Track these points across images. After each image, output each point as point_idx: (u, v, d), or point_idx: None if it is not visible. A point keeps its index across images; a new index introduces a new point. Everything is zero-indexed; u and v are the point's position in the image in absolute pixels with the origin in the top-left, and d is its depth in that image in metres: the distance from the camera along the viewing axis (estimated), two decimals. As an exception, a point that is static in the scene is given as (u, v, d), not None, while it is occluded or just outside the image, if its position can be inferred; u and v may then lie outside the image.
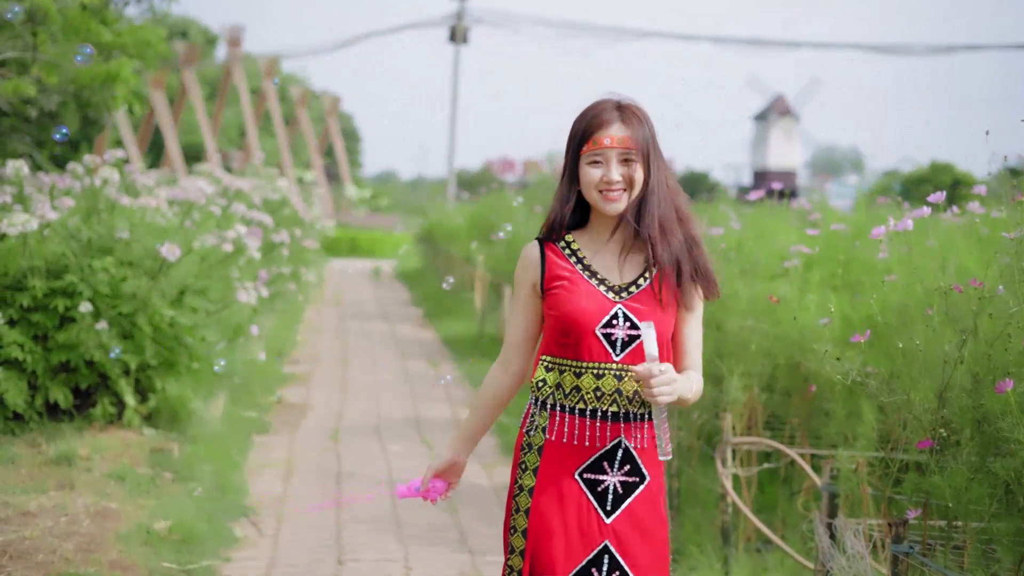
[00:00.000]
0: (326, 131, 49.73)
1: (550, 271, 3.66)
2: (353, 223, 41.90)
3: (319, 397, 11.96)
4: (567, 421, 3.62)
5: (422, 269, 28.85)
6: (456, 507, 7.87)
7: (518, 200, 16.06)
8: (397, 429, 10.49)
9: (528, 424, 3.71)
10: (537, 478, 3.68)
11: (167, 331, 8.40)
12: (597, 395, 3.60)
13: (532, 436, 3.69)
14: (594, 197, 3.62)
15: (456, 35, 42.15)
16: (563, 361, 3.63)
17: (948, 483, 4.09)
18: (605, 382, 3.59)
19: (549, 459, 3.66)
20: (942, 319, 4.69)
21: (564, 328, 3.61)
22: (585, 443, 3.61)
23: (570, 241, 3.70)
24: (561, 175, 3.71)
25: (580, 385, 3.61)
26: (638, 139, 3.60)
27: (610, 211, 3.62)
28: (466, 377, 13.81)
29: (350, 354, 15.31)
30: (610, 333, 3.58)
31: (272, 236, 12.27)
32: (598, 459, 3.62)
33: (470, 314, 18.93)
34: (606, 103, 3.64)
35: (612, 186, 3.59)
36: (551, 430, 3.65)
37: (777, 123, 68.11)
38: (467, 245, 19.59)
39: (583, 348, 3.60)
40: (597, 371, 3.59)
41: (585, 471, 3.62)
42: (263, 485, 8.25)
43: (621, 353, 3.59)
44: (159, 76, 31.80)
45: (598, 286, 3.62)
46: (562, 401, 3.63)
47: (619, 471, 3.62)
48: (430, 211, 28.82)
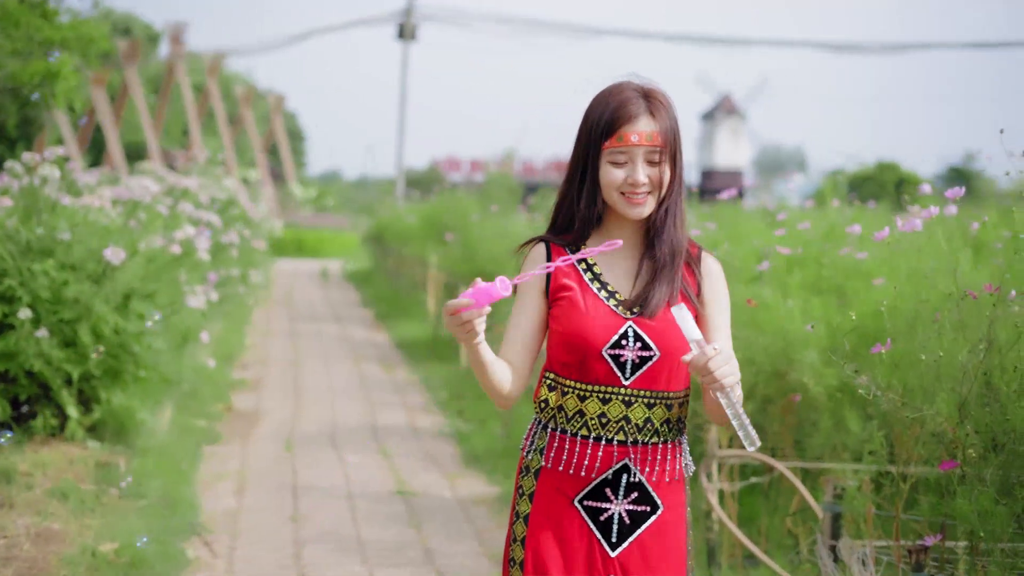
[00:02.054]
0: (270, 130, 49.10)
1: (556, 278, 3.26)
2: (299, 223, 41.36)
3: (271, 404, 11.52)
4: (566, 446, 3.24)
5: (372, 269, 28.41)
6: (420, 523, 7.47)
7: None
8: (353, 437, 10.08)
9: (528, 445, 3.34)
10: (533, 505, 3.29)
11: (112, 338, 7.94)
12: (602, 422, 3.22)
13: (530, 458, 3.32)
14: (615, 199, 3.23)
15: (405, 32, 41.68)
16: (565, 382, 3.25)
17: (975, 507, 3.75)
18: (612, 408, 3.21)
19: (545, 485, 3.28)
20: (954, 326, 4.36)
21: (567, 346, 3.23)
22: (581, 472, 3.23)
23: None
24: (573, 169, 3.30)
25: (584, 410, 3.23)
26: (667, 134, 3.21)
27: (634, 216, 3.24)
28: (420, 381, 13.42)
29: (302, 358, 14.87)
30: (619, 355, 3.19)
31: (221, 237, 11.83)
32: (599, 485, 3.23)
33: (423, 315, 18.53)
34: (630, 91, 3.22)
35: (638, 188, 3.20)
36: (548, 455, 3.27)
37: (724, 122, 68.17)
38: (420, 245, 19.20)
39: (588, 370, 3.22)
40: (603, 395, 3.21)
41: (585, 498, 3.24)
42: (215, 500, 7.82)
43: (631, 377, 3.20)
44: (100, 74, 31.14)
45: (607, 300, 3.23)
46: (564, 425, 3.26)
47: (625, 499, 3.23)
48: (380, 211, 28.38)
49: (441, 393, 12.43)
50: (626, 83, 3.26)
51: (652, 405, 3.22)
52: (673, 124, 3.22)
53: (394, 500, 8.02)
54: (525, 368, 3.28)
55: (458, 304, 2.99)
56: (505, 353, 3.28)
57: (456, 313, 3.00)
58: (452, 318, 3.01)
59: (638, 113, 3.18)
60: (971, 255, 5.08)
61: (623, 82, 3.27)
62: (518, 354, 3.27)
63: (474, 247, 15.01)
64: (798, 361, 5.78)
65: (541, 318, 3.29)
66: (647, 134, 3.17)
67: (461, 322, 3.01)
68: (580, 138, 3.27)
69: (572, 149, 3.31)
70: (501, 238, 13.96)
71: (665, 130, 3.19)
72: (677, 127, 3.24)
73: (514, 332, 3.29)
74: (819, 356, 5.78)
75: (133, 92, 33.72)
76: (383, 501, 7.98)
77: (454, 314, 3.00)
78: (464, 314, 2.99)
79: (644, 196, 3.20)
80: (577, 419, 3.23)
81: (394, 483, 8.48)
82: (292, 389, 12.49)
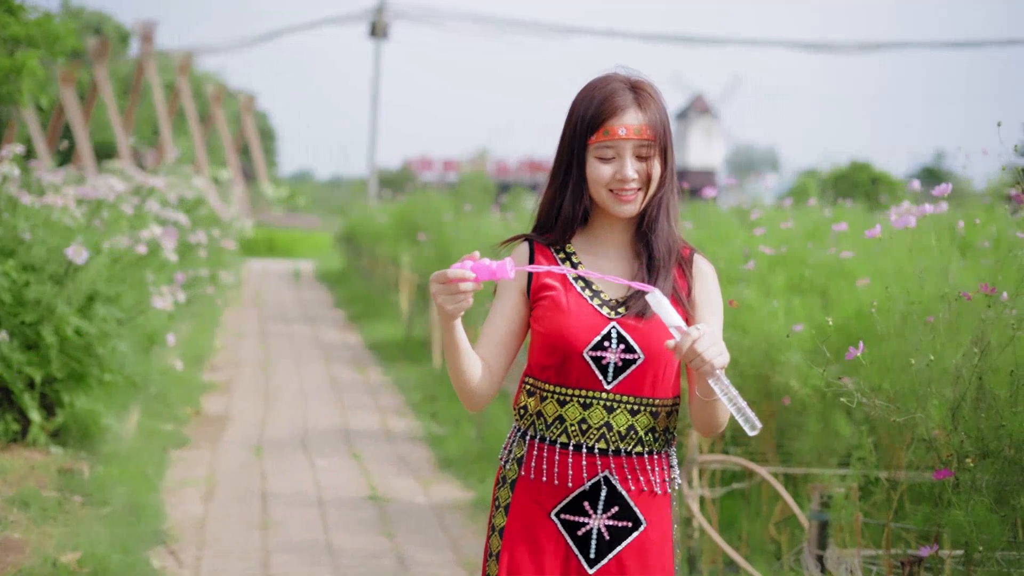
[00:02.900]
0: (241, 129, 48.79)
1: (538, 278, 3.08)
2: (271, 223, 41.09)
3: (241, 407, 11.31)
4: (545, 456, 3.06)
5: (344, 270, 28.16)
6: (393, 530, 7.28)
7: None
8: (325, 441, 9.88)
9: (506, 455, 3.15)
10: (508, 518, 3.11)
11: (75, 341, 7.72)
12: (582, 428, 3.03)
13: (507, 468, 3.13)
14: (603, 196, 3.05)
15: (377, 30, 41.40)
16: (544, 386, 3.07)
17: (972, 519, 3.58)
18: (592, 413, 3.03)
19: (521, 496, 3.09)
20: (947, 329, 4.21)
21: (547, 347, 3.05)
22: (555, 481, 3.04)
23: (571, 252, 3.14)
24: (558, 165, 3.12)
25: (563, 415, 3.04)
26: (656, 127, 3.03)
27: (623, 213, 3.06)
28: (393, 382, 13.23)
29: (272, 359, 14.65)
30: (600, 357, 3.01)
31: (189, 236, 11.60)
32: (576, 498, 3.04)
33: (396, 317, 18.33)
34: (616, 82, 3.05)
35: (627, 185, 3.03)
36: (526, 464, 3.09)
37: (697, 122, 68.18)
38: (393, 245, 18.99)
39: (568, 372, 3.03)
40: (584, 400, 3.03)
41: (562, 511, 3.05)
42: (182, 507, 7.61)
43: (613, 381, 3.02)
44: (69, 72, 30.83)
45: (591, 299, 3.05)
46: (542, 432, 3.07)
47: (604, 513, 3.04)
48: (352, 211, 28.15)
49: (414, 395, 12.24)
50: (612, 75, 3.09)
51: (636, 412, 3.04)
52: (662, 116, 3.06)
53: (366, 506, 7.83)
54: (499, 369, 3.09)
55: (457, 275, 2.82)
56: (479, 350, 3.09)
57: (449, 282, 2.82)
58: (443, 286, 2.83)
59: (625, 105, 3.02)
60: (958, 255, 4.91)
61: (609, 74, 3.10)
62: (493, 354, 3.08)
63: (447, 247, 14.82)
64: (783, 363, 5.62)
65: (520, 318, 3.11)
66: (635, 127, 3.01)
67: (453, 291, 2.83)
68: (565, 133, 3.10)
69: (557, 145, 3.13)
70: (475, 238, 13.79)
71: (654, 123, 3.03)
72: (666, 119, 3.08)
73: (490, 331, 3.10)
74: (804, 357, 5.63)
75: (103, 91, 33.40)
76: (355, 507, 7.79)
77: (447, 282, 2.82)
78: (459, 284, 2.82)
79: (634, 192, 3.03)
80: (556, 425, 3.05)
81: (366, 488, 8.29)
82: (262, 391, 12.28)
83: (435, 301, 2.86)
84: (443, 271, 2.84)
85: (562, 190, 3.10)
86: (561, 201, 3.10)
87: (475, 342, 3.07)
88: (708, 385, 2.89)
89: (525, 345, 3.21)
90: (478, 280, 2.83)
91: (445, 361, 3.08)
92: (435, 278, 2.85)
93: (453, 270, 2.82)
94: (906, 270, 5.95)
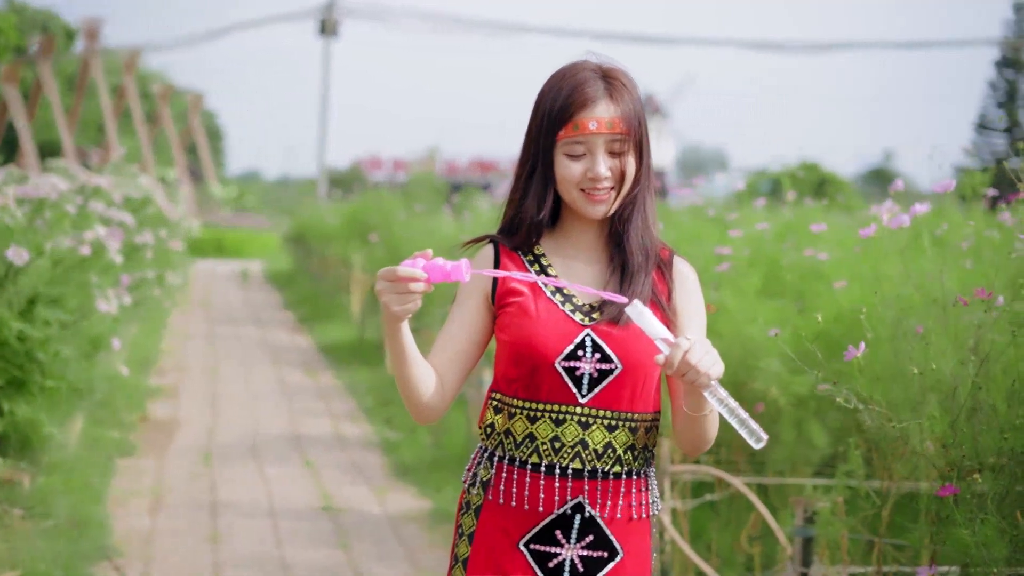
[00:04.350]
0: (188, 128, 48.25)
1: (503, 282, 2.82)
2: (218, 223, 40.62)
3: (189, 412, 10.98)
4: (515, 479, 2.78)
5: (293, 271, 27.79)
6: (348, 542, 7.01)
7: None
8: (276, 448, 9.58)
9: (470, 478, 2.88)
10: (472, 548, 2.83)
11: (16, 346, 7.37)
12: (555, 447, 2.76)
13: (471, 493, 2.86)
14: (574, 196, 2.79)
15: (326, 28, 40.96)
16: (513, 401, 2.80)
17: (978, 538, 3.36)
18: (566, 430, 2.76)
19: (487, 524, 2.81)
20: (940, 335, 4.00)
21: (515, 358, 2.77)
22: (524, 506, 2.76)
23: (540, 255, 2.88)
24: (524, 162, 2.84)
25: (534, 433, 2.77)
26: (630, 120, 2.76)
27: (594, 214, 2.80)
28: (345, 386, 12.94)
29: (221, 363, 14.31)
30: (574, 367, 2.75)
31: (135, 237, 11.24)
32: (548, 526, 2.76)
33: (347, 318, 18.03)
34: (586, 71, 2.78)
35: (599, 183, 2.77)
36: (492, 488, 2.81)
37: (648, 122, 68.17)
38: (343, 246, 18.68)
39: (538, 385, 2.76)
40: (556, 416, 2.76)
41: (532, 541, 2.78)
42: (128, 520, 7.29)
43: (588, 394, 2.75)
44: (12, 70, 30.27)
45: (562, 304, 2.79)
46: (512, 452, 2.80)
47: (578, 543, 2.76)
48: (302, 211, 27.78)
49: (367, 399, 11.96)
50: (582, 63, 2.81)
51: (613, 428, 2.78)
52: (637, 108, 2.78)
53: (320, 517, 7.55)
54: (452, 383, 2.81)
55: (407, 273, 2.55)
56: (431, 360, 2.81)
57: (398, 280, 2.56)
58: (391, 284, 2.56)
59: (596, 97, 2.75)
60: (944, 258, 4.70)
61: (578, 62, 2.82)
62: (446, 365, 2.80)
63: (399, 247, 14.56)
64: (760, 369, 5.39)
65: (482, 327, 2.84)
66: (607, 120, 2.74)
67: (401, 290, 2.56)
68: (531, 127, 2.83)
69: (523, 140, 2.86)
70: (428, 238, 13.53)
71: (628, 115, 2.76)
72: (642, 111, 2.80)
73: (446, 340, 2.82)
74: (783, 364, 5.41)
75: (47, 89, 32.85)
76: (308, 518, 7.50)
77: (395, 280, 2.56)
78: (409, 283, 2.56)
79: (606, 192, 2.77)
80: (527, 444, 2.77)
81: (320, 498, 8.01)
82: (211, 396, 11.95)
83: (380, 299, 2.58)
84: (392, 268, 2.57)
85: (528, 190, 2.83)
86: (527, 202, 2.83)
87: (425, 350, 2.80)
88: (699, 399, 2.65)
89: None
90: (430, 281, 2.57)
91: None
92: (383, 275, 2.57)
93: (403, 268, 2.56)
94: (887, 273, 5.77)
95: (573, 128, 2.74)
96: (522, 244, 2.86)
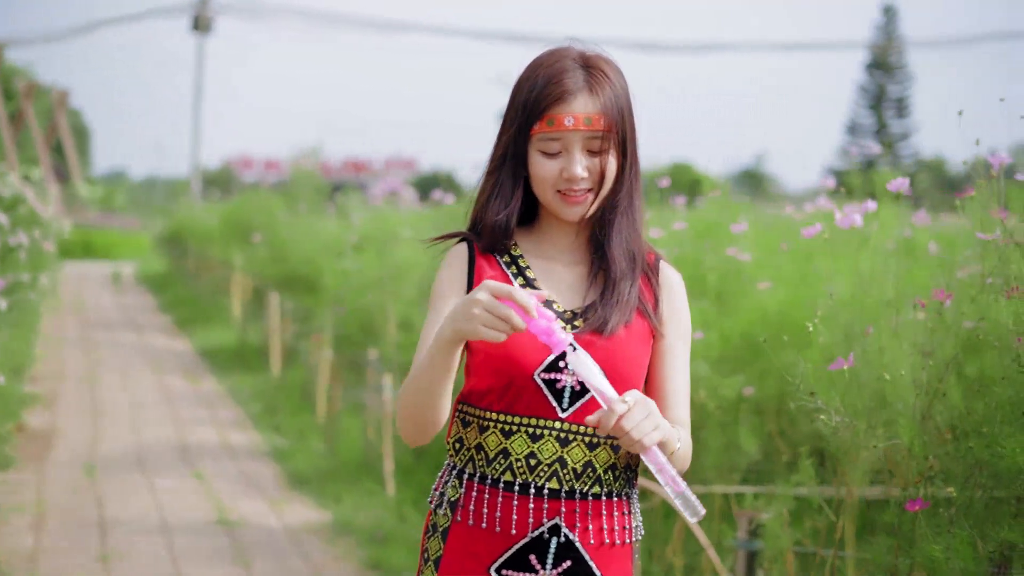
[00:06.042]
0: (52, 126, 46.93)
1: (477, 284, 2.54)
2: (86, 224, 39.56)
3: (67, 422, 10.49)
4: (485, 498, 2.52)
5: (168, 273, 27.09)
6: (248, 559, 6.66)
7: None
8: (163, 459, 9.16)
9: (437, 498, 2.61)
10: (438, 574, 2.58)
11: None
12: (531, 464, 2.51)
13: (438, 514, 2.59)
14: (549, 198, 2.55)
15: (200, 24, 40.09)
16: (486, 414, 2.54)
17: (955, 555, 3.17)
18: (544, 447, 2.51)
19: (455, 548, 2.55)
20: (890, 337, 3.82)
21: (490, 369, 2.51)
22: (496, 528, 2.51)
23: (517, 256, 2.63)
24: (495, 157, 2.59)
25: (509, 449, 2.51)
26: (612, 115, 2.51)
27: (570, 217, 2.56)
28: (229, 393, 12.52)
29: (98, 369, 13.76)
30: (555, 379, 2.50)
31: (8, 238, 10.71)
32: (521, 550, 2.51)
33: (228, 321, 17.53)
34: (566, 59, 2.53)
35: (575, 184, 2.52)
36: (461, 509, 2.55)
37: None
38: (223, 247, 18.18)
39: (515, 398, 2.50)
40: (533, 431, 2.51)
41: (504, 566, 2.52)
42: (9, 539, 6.85)
43: (569, 408, 2.50)
44: None
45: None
46: (483, 469, 2.54)
47: (554, 569, 2.51)
48: (177, 211, 27.09)
49: (253, 406, 11.56)
50: (563, 50, 2.56)
51: (594, 446, 2.53)
52: (620, 102, 2.53)
53: (216, 532, 7.18)
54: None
55: (527, 303, 2.27)
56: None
57: (509, 303, 2.27)
58: (494, 301, 2.27)
59: (574, 89, 2.49)
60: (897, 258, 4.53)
61: (558, 49, 2.56)
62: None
63: (284, 248, 14.18)
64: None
65: None
66: (585, 116, 2.49)
67: (504, 317, 2.27)
68: (505, 120, 2.57)
69: (497, 136, 2.60)
70: (313, 239, 13.17)
71: (609, 110, 2.50)
72: (627, 105, 2.55)
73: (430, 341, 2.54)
74: (710, 367, 5.23)
75: (-96, 84, 31.61)
76: (204, 534, 7.13)
77: (506, 301, 2.27)
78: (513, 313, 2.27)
79: (583, 193, 2.53)
80: (500, 461, 2.52)
81: (214, 511, 7.63)
82: (90, 404, 11.45)
83: (469, 309, 2.29)
84: (510, 288, 2.28)
85: (499, 188, 2.57)
86: (509, 206, 2.58)
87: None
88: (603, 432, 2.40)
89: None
90: (531, 326, 2.29)
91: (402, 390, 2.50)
92: (495, 290, 2.28)
93: (521, 293, 2.27)
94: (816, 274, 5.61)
95: (548, 123, 2.49)
96: (495, 245, 2.60)
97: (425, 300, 9.10)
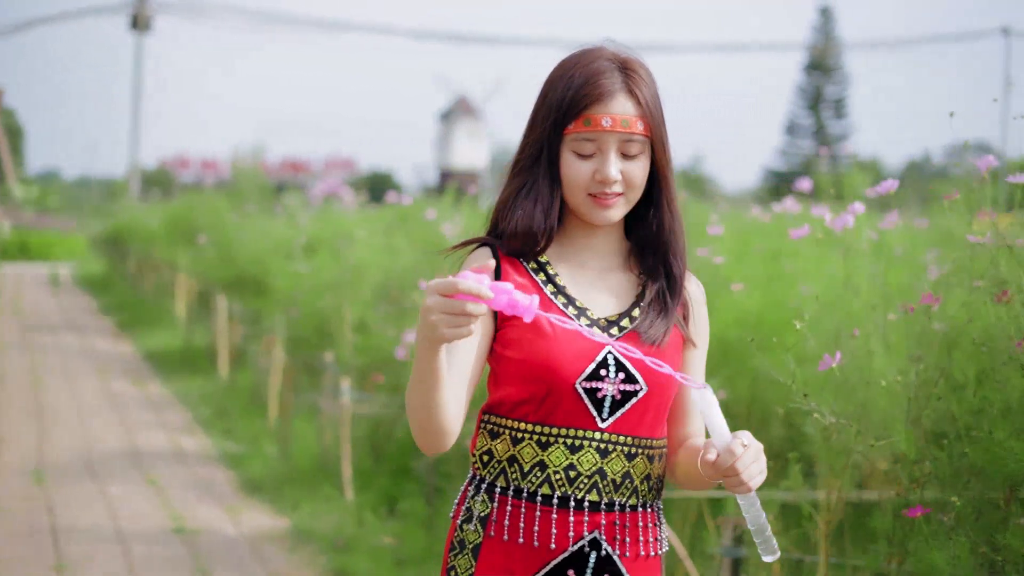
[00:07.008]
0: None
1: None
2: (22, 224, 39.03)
3: (11, 427, 10.26)
4: (521, 512, 2.42)
5: (107, 274, 26.73)
6: (208, 567, 6.52)
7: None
8: (114, 465, 8.98)
9: (462, 514, 2.51)
10: None
11: None
12: (569, 476, 2.41)
13: (466, 531, 2.48)
14: (579, 200, 2.45)
15: (139, 23, 39.62)
16: (519, 425, 2.44)
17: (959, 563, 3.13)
18: (583, 458, 2.41)
19: (487, 565, 2.44)
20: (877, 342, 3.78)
21: (527, 378, 2.41)
22: (534, 542, 2.40)
23: (544, 262, 2.52)
24: (524, 158, 2.49)
25: (546, 461, 2.41)
26: (649, 119, 2.43)
27: (601, 221, 2.46)
28: (176, 396, 12.33)
29: (41, 374, 13.51)
30: (596, 388, 2.40)
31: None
32: (560, 565, 2.41)
33: (172, 323, 17.30)
34: (603, 60, 2.43)
35: (608, 187, 2.42)
36: (494, 524, 2.44)
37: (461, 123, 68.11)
38: (166, 248, 17.94)
39: (553, 408, 2.41)
40: (572, 442, 2.41)
41: None
42: (-40, 549, 6.68)
43: (609, 418, 2.41)
44: None
45: (578, 318, 2.44)
46: (518, 483, 2.44)
47: None
48: (117, 212, 26.75)
49: (202, 410, 11.38)
50: (599, 50, 2.46)
51: (633, 456, 2.44)
52: (655, 107, 2.45)
53: (172, 541, 7.03)
54: (465, 403, 2.42)
55: (473, 289, 2.08)
56: None
57: (457, 297, 2.10)
58: (446, 301, 2.10)
59: (613, 90, 2.40)
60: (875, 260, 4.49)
61: (594, 48, 2.47)
62: (458, 385, 2.40)
63: (231, 249, 14.00)
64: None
65: (487, 343, 2.46)
66: (622, 118, 2.40)
67: (458, 310, 2.10)
68: (535, 119, 2.47)
69: (524, 132, 2.50)
70: (261, 240, 13.02)
71: (646, 114, 2.42)
72: (660, 110, 2.47)
73: (450, 355, 2.41)
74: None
75: None
76: (160, 542, 6.98)
77: (453, 296, 2.10)
78: (467, 303, 2.10)
79: (615, 197, 2.44)
80: (536, 473, 2.42)
81: (169, 519, 7.48)
82: (34, 409, 11.22)
83: (426, 317, 2.13)
84: (450, 279, 2.11)
85: (529, 190, 2.47)
86: (548, 213, 2.47)
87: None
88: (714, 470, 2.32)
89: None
90: (492, 304, 2.11)
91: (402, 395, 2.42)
92: (438, 287, 2.11)
93: (467, 281, 2.09)
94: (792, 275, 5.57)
95: (584, 123, 2.40)
96: (525, 249, 2.51)
97: (382, 303, 8.99)
